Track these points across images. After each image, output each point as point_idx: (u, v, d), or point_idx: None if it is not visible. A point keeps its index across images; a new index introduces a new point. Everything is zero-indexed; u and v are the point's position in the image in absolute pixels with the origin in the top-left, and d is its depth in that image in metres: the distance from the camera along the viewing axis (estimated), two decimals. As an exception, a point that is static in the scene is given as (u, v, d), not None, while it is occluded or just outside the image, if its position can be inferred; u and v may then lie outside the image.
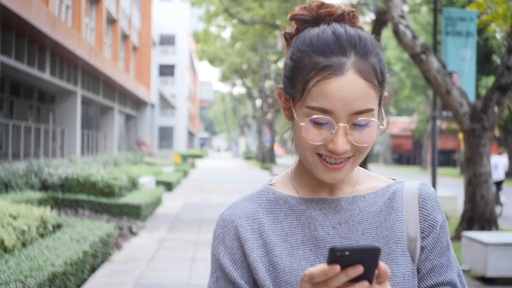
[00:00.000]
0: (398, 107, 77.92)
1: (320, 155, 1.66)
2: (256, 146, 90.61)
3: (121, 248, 12.99)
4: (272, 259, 1.73)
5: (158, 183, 27.46)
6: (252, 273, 1.74)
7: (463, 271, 10.90)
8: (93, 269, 10.55)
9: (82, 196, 16.53)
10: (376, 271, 1.45)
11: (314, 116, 1.61)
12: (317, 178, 1.73)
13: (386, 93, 1.75)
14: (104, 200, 16.58)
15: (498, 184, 22.34)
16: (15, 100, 25.81)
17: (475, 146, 14.15)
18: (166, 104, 79.93)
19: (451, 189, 27.82)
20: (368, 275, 1.43)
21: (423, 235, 1.77)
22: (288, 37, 1.79)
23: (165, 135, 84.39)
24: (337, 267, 1.39)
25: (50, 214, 10.97)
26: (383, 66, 1.69)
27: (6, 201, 11.16)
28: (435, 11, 18.61)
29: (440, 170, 52.67)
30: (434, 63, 14.15)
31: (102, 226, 12.03)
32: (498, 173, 22.38)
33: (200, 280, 10.17)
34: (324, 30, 1.67)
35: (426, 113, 59.32)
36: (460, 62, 16.69)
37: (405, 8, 47.80)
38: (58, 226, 11.43)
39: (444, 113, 19.08)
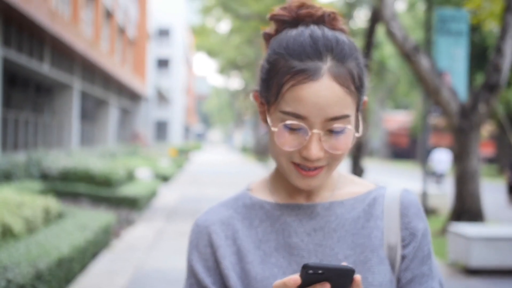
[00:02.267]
0: (396, 102, 78.20)
1: (294, 162, 1.65)
2: (252, 140, 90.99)
3: (120, 237, 13.44)
4: (244, 266, 1.72)
5: (155, 175, 27.88)
6: (224, 281, 1.73)
7: (450, 264, 11.43)
8: (94, 256, 10.99)
9: (81, 187, 16.97)
10: None
11: (288, 122, 1.59)
12: None
13: (365, 98, 1.73)
14: (102, 191, 17.03)
15: (440, 176, 25.37)
16: (13, 92, 26.21)
17: (464, 144, 14.61)
18: (161, 97, 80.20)
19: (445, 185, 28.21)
20: None
21: (404, 243, 1.74)
22: (267, 37, 1.77)
23: (161, 128, 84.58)
24: (298, 279, 1.40)
25: (53, 203, 11.42)
26: (361, 71, 1.66)
27: (10, 190, 11.62)
28: (429, 10, 19.05)
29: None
30: (424, 62, 14.58)
31: (102, 216, 12.51)
32: (441, 166, 25.35)
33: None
34: (301, 33, 1.65)
35: (422, 109, 59.57)
36: (452, 61, 17.08)
37: (403, 5, 48.25)
38: (60, 215, 11.86)
39: (436, 111, 19.55)
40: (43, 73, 25.23)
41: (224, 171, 41.43)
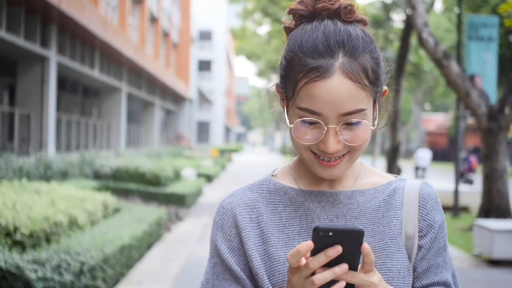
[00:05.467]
0: (434, 104, 78.26)
1: (314, 153, 1.69)
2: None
3: (170, 230, 14.55)
4: (267, 249, 1.75)
5: (199, 175, 28.90)
6: (247, 261, 1.77)
7: (475, 255, 12.34)
8: (148, 247, 12.07)
9: (132, 185, 18.07)
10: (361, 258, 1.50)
11: (304, 118, 1.64)
12: None
13: (385, 88, 1.77)
14: (151, 189, 18.13)
15: (423, 169, 31.84)
16: (64, 96, 27.42)
17: (492, 144, 15.40)
18: (203, 99, 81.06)
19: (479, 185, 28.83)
20: (351, 259, 1.47)
21: (421, 234, 1.79)
22: (287, 31, 1.81)
23: (203, 130, 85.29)
24: (310, 244, 1.44)
25: (110, 199, 12.54)
26: (376, 64, 1.69)
27: (71, 187, 12.76)
28: (459, 16, 19.78)
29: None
30: (454, 68, 15.34)
31: (155, 211, 13.60)
32: (424, 162, 32.10)
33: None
34: (315, 29, 1.68)
35: (461, 110, 59.67)
36: (482, 65, 17.74)
37: (440, 5, 48.49)
38: (117, 210, 12.97)
39: (467, 113, 20.32)
40: (93, 78, 26.46)
41: (264, 172, 41.62)
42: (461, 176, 30.75)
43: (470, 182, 31.07)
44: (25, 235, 7.95)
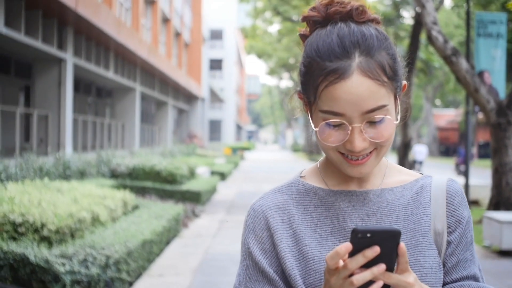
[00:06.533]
0: (444, 99, 78.30)
1: (342, 153, 1.71)
2: (303, 139, 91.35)
3: (187, 226, 14.93)
4: (301, 249, 1.77)
5: (213, 173, 29.25)
6: (280, 263, 1.78)
7: (485, 246, 12.68)
8: (167, 242, 12.45)
9: (148, 183, 18.44)
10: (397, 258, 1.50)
11: (328, 121, 1.66)
12: None
13: (404, 82, 1.79)
14: (167, 187, 18.50)
15: (420, 163, 35.16)
16: (80, 96, 27.83)
17: (501, 138, 15.71)
18: (215, 97, 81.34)
19: (487, 179, 29.07)
20: (388, 260, 1.49)
21: (450, 230, 1.81)
22: (303, 38, 1.83)
23: (214, 128, 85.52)
24: (349, 245, 1.45)
25: (129, 196, 12.92)
26: (393, 60, 1.71)
27: (91, 185, 13.15)
28: (468, 13, 20.06)
29: (482, 162, 53.39)
30: (463, 64, 15.64)
31: (172, 208, 13.98)
32: (421, 156, 35.50)
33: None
34: (329, 33, 1.70)
35: (471, 105, 59.69)
36: (491, 61, 17.99)
37: (449, 1, 48.59)
38: (135, 207, 13.37)
39: (476, 108, 20.60)
40: (108, 78, 26.88)
41: (277, 169, 42.27)
42: (456, 167, 36.09)
43: (463, 173, 31.76)
44: (52, 231, 8.34)
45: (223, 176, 30.60)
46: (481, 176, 31.58)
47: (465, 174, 19.85)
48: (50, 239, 8.34)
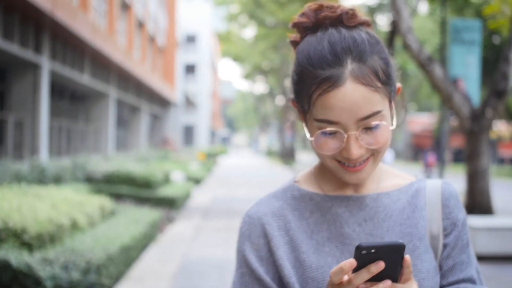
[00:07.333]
0: (419, 104, 78.67)
1: (339, 161, 1.69)
2: (277, 144, 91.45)
3: (164, 232, 14.98)
4: (298, 256, 1.75)
5: (187, 178, 29.27)
6: (277, 270, 1.76)
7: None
8: (144, 247, 12.49)
9: (123, 189, 18.40)
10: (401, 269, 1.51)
11: (324, 130, 1.64)
12: None
13: (398, 85, 1.77)
14: (143, 192, 18.49)
15: None
16: (55, 101, 27.76)
17: (474, 145, 15.84)
18: (189, 102, 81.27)
19: (461, 184, 29.33)
20: (392, 273, 1.49)
21: (446, 232, 1.80)
22: (294, 45, 1.81)
23: (188, 133, 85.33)
24: (353, 261, 1.45)
25: (106, 202, 12.96)
26: (386, 64, 1.69)
27: (69, 190, 13.17)
28: (443, 19, 20.26)
29: (455, 168, 53.78)
30: (437, 72, 15.75)
31: (149, 213, 14.04)
32: (386, 160, 34.75)
33: (234, 255, 12.08)
34: (320, 40, 1.67)
35: (444, 111, 59.97)
36: (466, 68, 18.21)
37: (425, 7, 48.86)
38: (113, 212, 13.39)
39: (451, 114, 20.80)
40: (83, 83, 26.82)
41: (251, 174, 42.29)
42: (425, 171, 36.92)
43: (428, 177, 32.73)
44: (32, 236, 8.37)
45: (197, 181, 30.56)
46: (455, 181, 31.84)
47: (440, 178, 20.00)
48: (31, 244, 8.36)
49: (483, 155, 15.87)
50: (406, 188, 1.85)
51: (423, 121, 77.48)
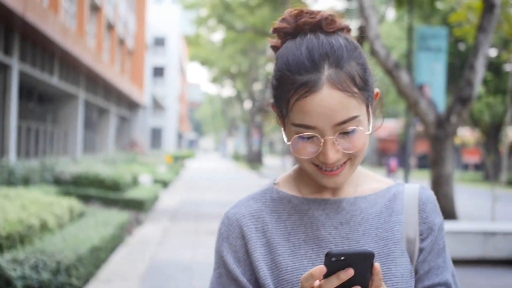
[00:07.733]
0: (385, 110, 79.00)
1: (316, 165, 1.71)
2: (244, 147, 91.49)
3: (132, 234, 15.07)
4: (274, 258, 1.76)
5: (155, 181, 29.26)
6: (254, 271, 1.78)
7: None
8: (113, 249, 12.58)
9: (92, 191, 18.45)
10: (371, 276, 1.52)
11: (301, 134, 1.65)
12: None
13: (377, 90, 1.79)
14: (111, 194, 18.54)
15: None
16: (24, 103, 27.66)
17: (440, 150, 16.08)
18: (157, 105, 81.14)
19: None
20: (362, 280, 1.50)
21: (422, 237, 1.81)
22: (274, 50, 1.81)
23: (156, 136, 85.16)
24: (323, 268, 1.46)
25: (75, 204, 13.05)
26: (363, 69, 1.70)
27: (38, 192, 13.23)
28: (410, 25, 20.51)
29: (420, 173, 54.24)
30: (404, 78, 15.99)
31: (118, 215, 14.11)
32: None
33: (202, 258, 12.23)
34: (298, 46, 1.69)
35: (410, 117, 60.47)
36: (432, 74, 18.45)
37: (392, 14, 49.26)
38: (82, 214, 13.48)
39: (416, 120, 21.06)
40: (52, 85, 26.72)
41: (218, 178, 42.45)
42: (388, 176, 36.59)
43: None
44: (3, 236, 8.45)
45: (165, 184, 30.58)
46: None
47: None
48: (1, 244, 8.44)
49: (448, 160, 16.11)
50: (384, 192, 1.86)
51: (389, 126, 77.90)
